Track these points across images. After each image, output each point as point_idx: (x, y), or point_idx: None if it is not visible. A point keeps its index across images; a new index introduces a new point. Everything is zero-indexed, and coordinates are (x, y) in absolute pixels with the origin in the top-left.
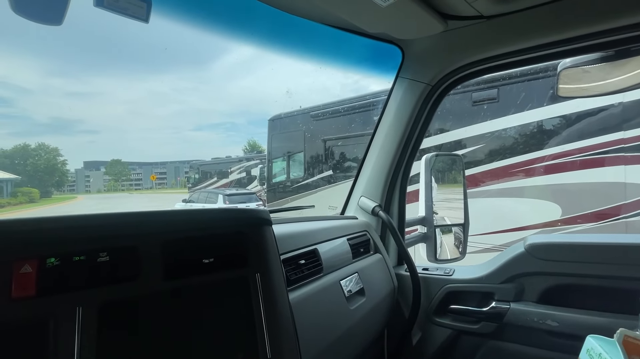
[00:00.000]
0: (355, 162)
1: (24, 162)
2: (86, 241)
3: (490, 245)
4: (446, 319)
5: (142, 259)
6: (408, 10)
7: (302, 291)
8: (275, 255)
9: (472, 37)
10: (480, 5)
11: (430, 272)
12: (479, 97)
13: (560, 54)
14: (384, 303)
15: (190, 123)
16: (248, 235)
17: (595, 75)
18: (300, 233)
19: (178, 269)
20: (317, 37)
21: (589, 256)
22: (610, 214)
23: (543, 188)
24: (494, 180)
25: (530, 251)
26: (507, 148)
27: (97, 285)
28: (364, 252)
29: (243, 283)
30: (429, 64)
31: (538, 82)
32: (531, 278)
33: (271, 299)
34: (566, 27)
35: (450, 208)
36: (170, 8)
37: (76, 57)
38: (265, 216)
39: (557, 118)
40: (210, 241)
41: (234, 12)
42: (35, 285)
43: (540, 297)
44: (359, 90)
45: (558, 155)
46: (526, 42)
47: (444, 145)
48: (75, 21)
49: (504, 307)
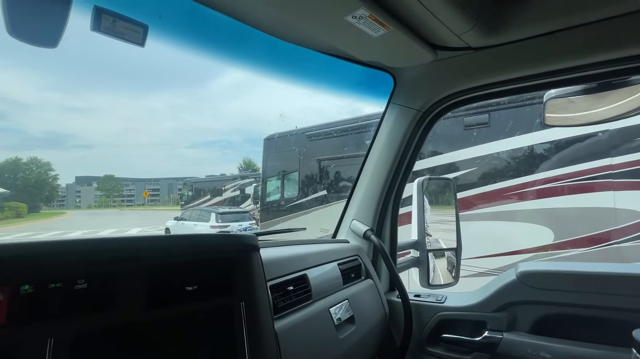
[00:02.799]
0: (349, 182)
1: (14, 175)
2: (63, 268)
3: (483, 269)
4: (438, 349)
5: (122, 287)
6: (399, 41)
7: (289, 319)
8: (261, 283)
9: (461, 67)
10: (468, 37)
11: (423, 299)
12: (470, 121)
13: (545, 85)
14: (375, 331)
15: (185, 140)
16: (234, 261)
17: (580, 105)
18: (289, 258)
19: (160, 297)
20: (311, 62)
21: (582, 285)
22: (602, 239)
23: (535, 212)
24: (486, 203)
25: (522, 279)
26: (498, 172)
27: (73, 314)
28: (355, 278)
29: (227, 312)
30: (419, 92)
31: (528, 109)
32: (523, 306)
33: (255, 329)
34: (551, 60)
35: (445, 230)
36: (167, 34)
37: (73, 73)
38: (252, 242)
39: (547, 144)
40: (195, 268)
41: (229, 38)
42: (5, 313)
43: (533, 327)
44: (354, 112)
45: (549, 179)
46: (512, 73)
47: (436, 168)
48: (74, 41)
49: (496, 337)
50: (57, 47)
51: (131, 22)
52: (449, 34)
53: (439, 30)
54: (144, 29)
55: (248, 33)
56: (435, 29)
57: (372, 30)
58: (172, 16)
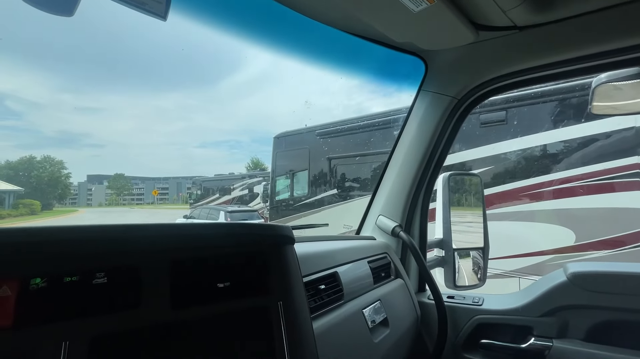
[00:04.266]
0: (360, 182)
1: (28, 173)
2: (81, 258)
3: (500, 270)
4: (476, 356)
5: (146, 282)
6: (440, 18)
7: (323, 321)
8: (299, 280)
9: (503, 48)
10: (515, 14)
11: (457, 301)
12: (487, 118)
13: (594, 68)
14: (408, 335)
15: (194, 140)
16: (269, 254)
17: (628, 92)
18: (318, 254)
19: (188, 295)
20: (335, 45)
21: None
22: (625, 242)
23: (555, 212)
24: (504, 202)
25: (575, 281)
26: (517, 171)
27: (91, 313)
28: (385, 277)
29: (263, 312)
30: (455, 77)
31: (547, 105)
32: (576, 311)
33: (296, 332)
34: (602, 40)
35: (460, 231)
36: (189, 7)
37: (86, 73)
38: (288, 233)
39: (567, 142)
40: (226, 262)
41: (253, 13)
42: (13, 313)
43: (587, 334)
44: (361, 111)
45: (570, 179)
46: (559, 54)
47: (454, 166)
48: (87, 36)
49: (545, 344)
50: (73, 18)
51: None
52: (495, 9)
53: (485, 6)
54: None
55: (273, 9)
56: (481, 4)
57: (413, 4)
58: None
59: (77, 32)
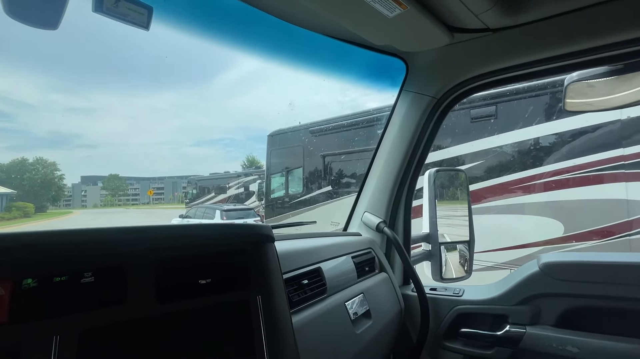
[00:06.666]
0: (354, 178)
1: (20, 176)
2: (69, 260)
3: (492, 263)
4: (457, 344)
5: (131, 280)
6: (415, 22)
7: (305, 314)
8: (278, 275)
9: (478, 50)
10: (487, 17)
11: (439, 292)
12: (477, 114)
13: (566, 67)
14: (391, 326)
15: (189, 138)
16: (249, 252)
17: (601, 89)
18: (303, 251)
19: (171, 291)
20: (320, 49)
21: (610, 276)
22: (613, 232)
23: (543, 205)
24: (494, 196)
25: (546, 271)
26: (506, 165)
27: (79, 309)
28: (369, 271)
29: (243, 306)
30: (434, 77)
31: (535, 99)
32: (548, 299)
33: (274, 324)
34: (573, 40)
35: (449, 224)
36: (172, 16)
37: (77, 73)
38: (267, 232)
39: (556, 135)
40: (208, 260)
41: (236, 22)
42: (7, 310)
43: (558, 320)
44: (356, 108)
45: (558, 171)
46: (532, 55)
47: (444, 161)
48: (77, 36)
49: (519, 331)
50: (57, 30)
51: (135, 2)
52: (467, 13)
53: (456, 10)
54: (148, 10)
55: (256, 17)
56: (453, 8)
57: (387, 10)
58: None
59: (66, 33)
